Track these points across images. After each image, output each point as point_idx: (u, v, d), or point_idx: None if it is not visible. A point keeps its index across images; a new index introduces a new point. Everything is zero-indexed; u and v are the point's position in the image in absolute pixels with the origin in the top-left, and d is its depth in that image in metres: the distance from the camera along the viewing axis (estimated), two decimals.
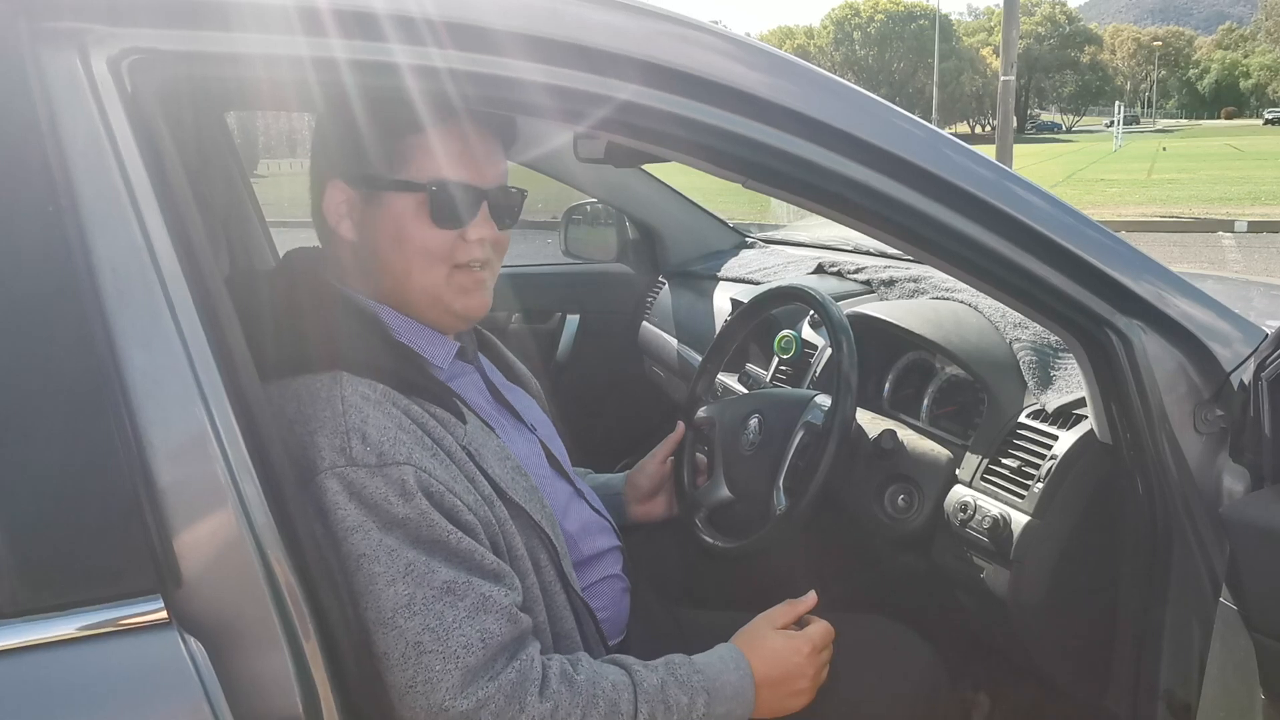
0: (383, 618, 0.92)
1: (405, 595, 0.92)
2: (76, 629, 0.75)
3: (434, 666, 0.92)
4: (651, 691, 1.03)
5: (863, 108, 1.03)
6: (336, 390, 0.98)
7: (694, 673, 1.07)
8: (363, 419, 0.96)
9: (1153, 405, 1.12)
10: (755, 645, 1.15)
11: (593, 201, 2.74)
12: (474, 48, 0.90)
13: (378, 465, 0.94)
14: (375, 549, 0.93)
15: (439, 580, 0.94)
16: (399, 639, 0.92)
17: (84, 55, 0.79)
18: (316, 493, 0.94)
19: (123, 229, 0.79)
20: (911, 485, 1.48)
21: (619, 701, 1.01)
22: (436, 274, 1.09)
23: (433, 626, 0.93)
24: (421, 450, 0.99)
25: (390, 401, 1.00)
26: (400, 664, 0.92)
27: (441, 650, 0.92)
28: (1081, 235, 1.09)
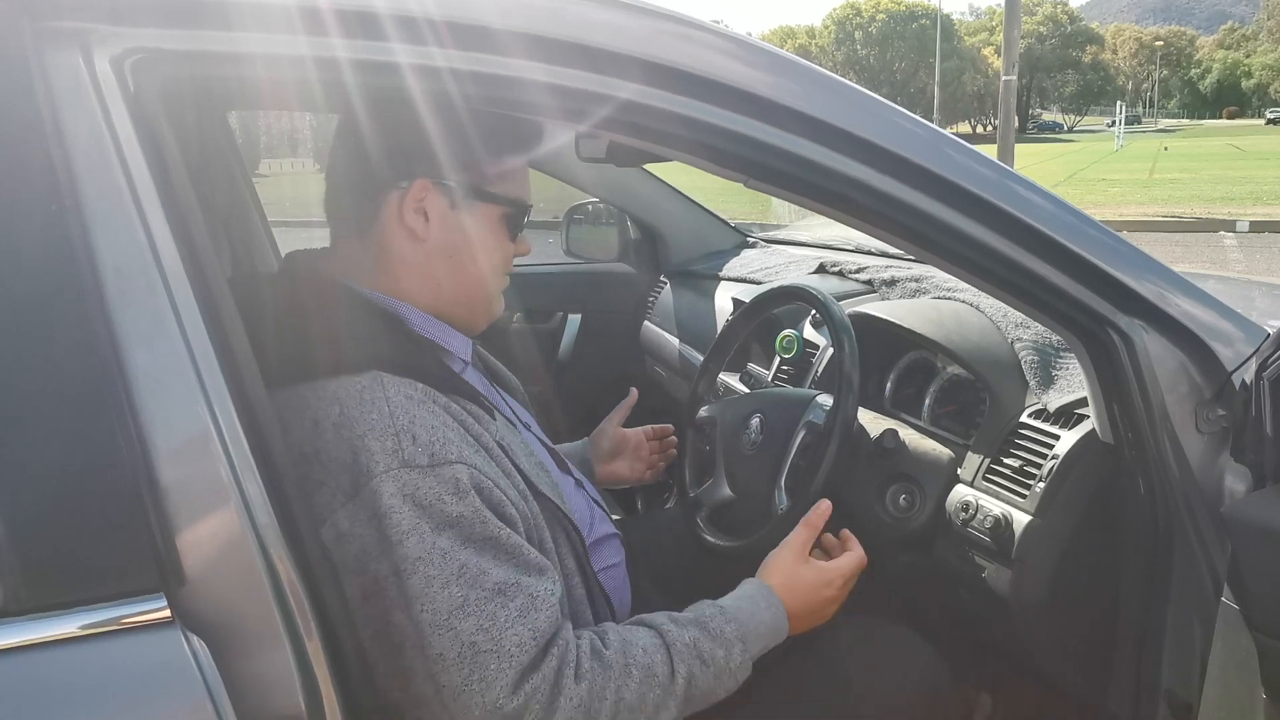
0: (438, 620, 0.92)
1: (459, 597, 0.93)
2: (79, 628, 0.75)
3: (489, 666, 0.93)
4: (685, 649, 1.04)
5: (864, 107, 1.03)
6: (380, 391, 0.97)
7: (726, 623, 1.08)
8: (410, 419, 0.96)
9: (1154, 405, 1.12)
10: (787, 580, 1.17)
11: (594, 201, 2.75)
12: (475, 47, 0.90)
13: (430, 466, 0.95)
14: (429, 551, 0.93)
15: (490, 581, 0.95)
16: (454, 640, 0.92)
17: (87, 55, 0.79)
18: (370, 497, 0.93)
19: (126, 229, 0.79)
20: (913, 485, 1.48)
21: (653, 666, 1.02)
22: (498, 282, 1.17)
23: (486, 627, 0.93)
24: (468, 447, 0.99)
25: (431, 400, 1.01)
26: (456, 664, 0.92)
27: (496, 650, 0.93)
28: (1083, 235, 1.09)
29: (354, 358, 1.00)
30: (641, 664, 1.01)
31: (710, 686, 1.05)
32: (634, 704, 0.99)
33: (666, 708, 1.01)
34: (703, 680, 1.04)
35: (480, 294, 1.15)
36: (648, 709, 1.00)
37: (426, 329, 1.11)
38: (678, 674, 1.02)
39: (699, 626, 1.06)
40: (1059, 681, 1.39)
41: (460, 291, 1.13)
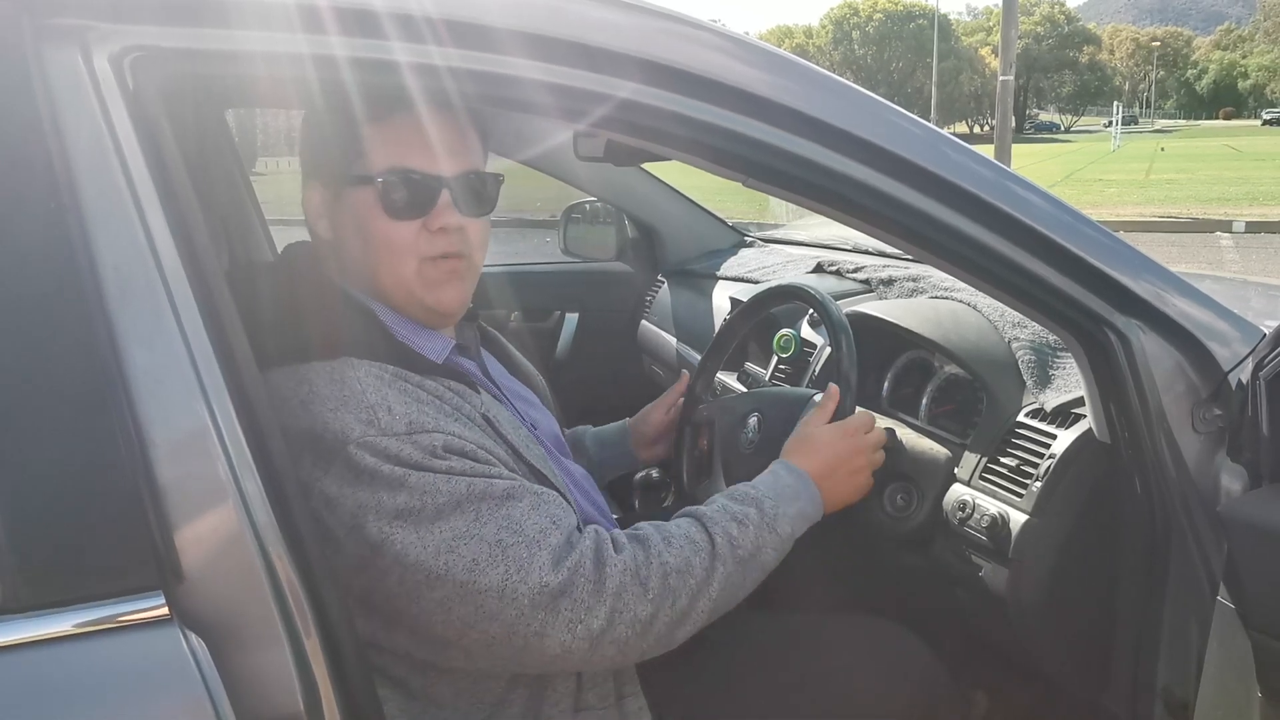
0: (459, 533, 0.94)
1: (472, 510, 0.95)
2: (78, 625, 0.75)
3: (520, 555, 0.94)
4: (715, 515, 1.08)
5: (862, 106, 1.03)
6: (350, 372, 0.99)
7: (749, 489, 1.12)
8: (382, 396, 0.97)
9: (1151, 404, 1.12)
10: (798, 446, 1.22)
11: (592, 200, 2.74)
12: (473, 46, 0.90)
13: (408, 433, 0.96)
14: (431, 484, 0.94)
15: (498, 490, 0.97)
16: (481, 544, 0.94)
17: (86, 52, 0.79)
18: (347, 464, 0.94)
19: (124, 227, 0.79)
20: (910, 484, 1.48)
21: (690, 534, 1.05)
22: (404, 268, 1.07)
23: (506, 525, 0.95)
24: (446, 418, 1.00)
25: (403, 380, 1.01)
26: (490, 564, 0.93)
27: (522, 540, 0.95)
28: (1080, 234, 1.09)
29: (326, 344, 1.01)
30: (678, 535, 1.04)
31: (754, 544, 1.07)
32: (680, 567, 1.01)
33: (716, 570, 1.03)
34: (744, 539, 1.06)
35: (389, 283, 1.08)
36: (696, 572, 1.02)
37: (399, 331, 1.10)
38: (715, 536, 1.05)
39: (724, 497, 1.11)
40: (1056, 680, 1.39)
41: (375, 284, 1.09)
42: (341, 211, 1.08)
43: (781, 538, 1.10)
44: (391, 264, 1.07)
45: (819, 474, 1.17)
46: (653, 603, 0.99)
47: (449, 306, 1.11)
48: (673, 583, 1.00)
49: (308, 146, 1.12)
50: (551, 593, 0.94)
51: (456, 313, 1.14)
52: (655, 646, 1.02)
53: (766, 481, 1.15)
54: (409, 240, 1.06)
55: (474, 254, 1.12)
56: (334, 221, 1.09)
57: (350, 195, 1.06)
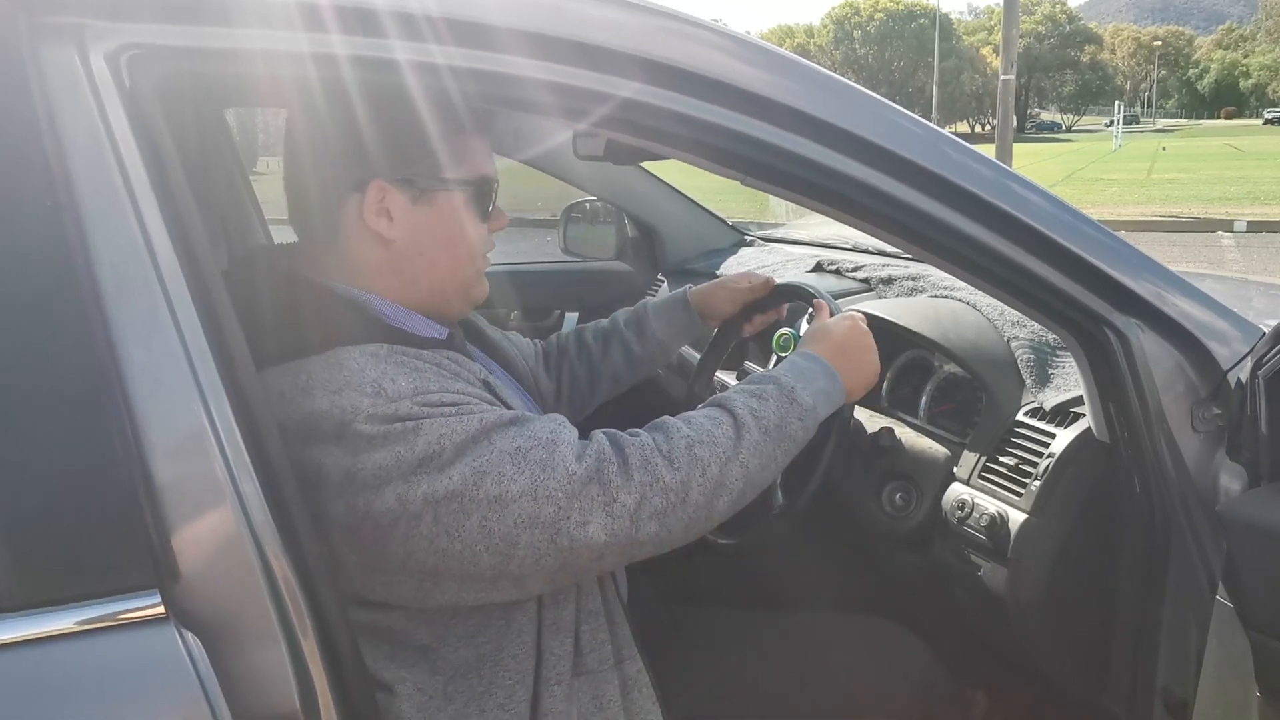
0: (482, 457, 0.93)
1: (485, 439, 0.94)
2: (74, 624, 0.75)
3: (541, 456, 0.95)
4: (732, 395, 1.08)
5: (862, 105, 1.03)
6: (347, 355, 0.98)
7: (762, 374, 1.12)
8: (381, 372, 0.96)
9: (1150, 404, 1.12)
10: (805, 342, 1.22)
11: (592, 199, 2.74)
12: (474, 44, 0.90)
13: (414, 394, 0.95)
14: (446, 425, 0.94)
15: (507, 418, 0.97)
16: (503, 458, 0.94)
17: (83, 50, 0.79)
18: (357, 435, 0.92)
19: (121, 225, 0.79)
20: (909, 483, 1.48)
21: (709, 412, 1.05)
22: (474, 266, 1.13)
23: (524, 435, 0.96)
24: (447, 379, 1.00)
25: (400, 354, 1.01)
26: (516, 472, 0.93)
27: (539, 443, 0.95)
28: (1080, 234, 1.09)
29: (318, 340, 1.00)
30: (697, 415, 1.05)
31: (779, 416, 1.06)
32: (703, 438, 1.01)
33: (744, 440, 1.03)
34: (765, 411, 1.06)
35: (456, 283, 1.12)
36: (721, 441, 1.02)
37: (395, 317, 1.09)
38: (736, 410, 1.05)
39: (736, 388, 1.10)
40: (1055, 679, 1.39)
41: (436, 285, 1.11)
42: (424, 214, 1.08)
43: (804, 409, 1.09)
44: (469, 263, 1.12)
45: (832, 355, 1.18)
46: (681, 470, 0.99)
47: (483, 297, 1.17)
48: (699, 453, 1.00)
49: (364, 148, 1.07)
50: (580, 479, 0.95)
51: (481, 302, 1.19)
52: (698, 519, 1.01)
53: (782, 367, 1.15)
54: (484, 240, 1.13)
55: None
56: (407, 222, 1.07)
57: (441, 199, 1.08)
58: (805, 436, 1.09)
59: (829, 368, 1.16)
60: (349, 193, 1.06)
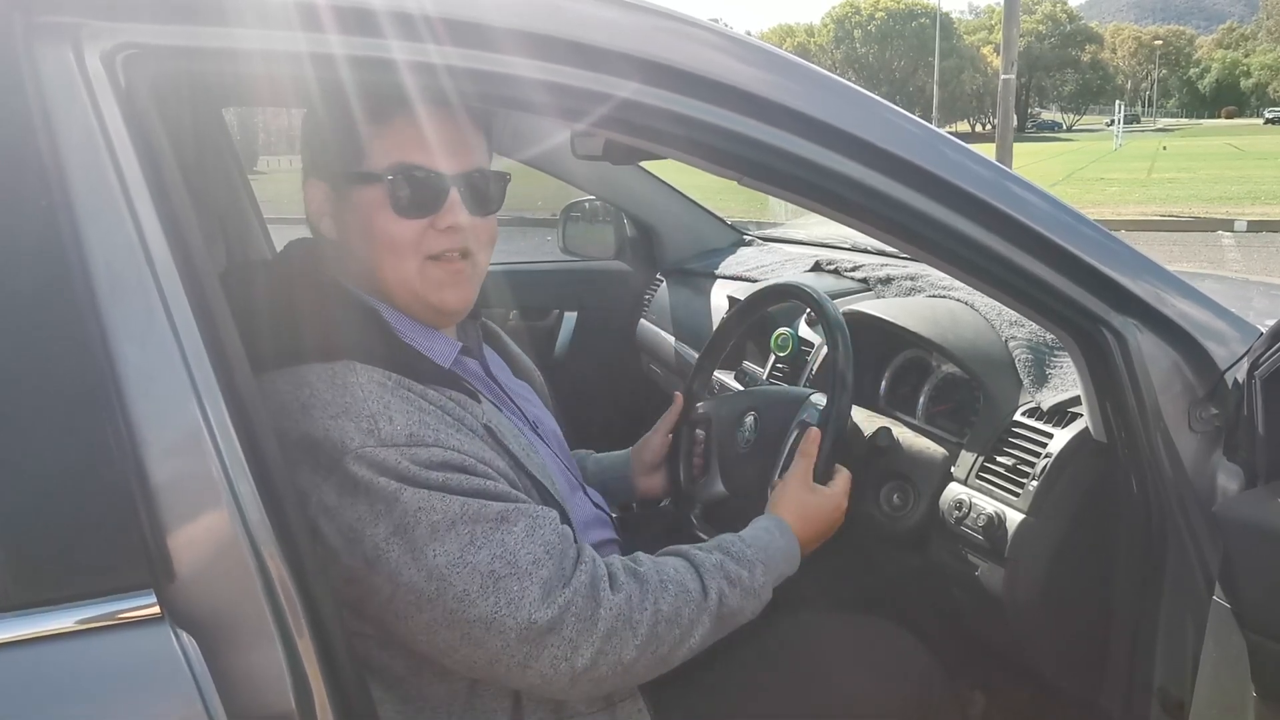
0: (452, 560, 0.93)
1: (466, 534, 0.94)
2: (69, 623, 0.75)
3: (512, 588, 0.94)
4: (713, 568, 1.08)
5: (861, 106, 1.03)
6: (353, 377, 0.98)
7: (746, 547, 1.13)
8: (384, 405, 0.96)
9: (1147, 404, 1.12)
10: (793, 509, 1.24)
11: (591, 199, 2.74)
12: (471, 44, 0.90)
13: (407, 444, 0.95)
14: (427, 501, 0.94)
15: (492, 512, 0.96)
16: (474, 574, 0.93)
17: (78, 50, 0.79)
18: (351, 470, 0.93)
19: (116, 225, 0.79)
20: (907, 483, 1.48)
21: (685, 582, 1.05)
22: (407, 267, 1.06)
23: (499, 554, 0.95)
24: (447, 429, 0.99)
25: (405, 389, 1.00)
26: (481, 595, 0.93)
27: (514, 572, 0.95)
28: (1078, 234, 1.09)
29: (328, 345, 1.00)
30: (675, 580, 1.05)
31: (738, 605, 1.09)
32: (671, 616, 1.02)
33: (701, 623, 1.05)
34: (731, 599, 1.08)
35: (393, 282, 1.07)
36: (683, 622, 1.03)
37: (405, 331, 1.09)
38: (709, 590, 1.06)
39: (721, 550, 1.12)
40: (1051, 679, 1.39)
41: (379, 284, 1.08)
42: (346, 209, 1.07)
43: (762, 601, 1.13)
44: (395, 262, 1.06)
45: (807, 540, 1.22)
46: (639, 648, 1.00)
47: (452, 306, 1.11)
48: (660, 631, 1.01)
49: (309, 144, 1.11)
50: (539, 629, 0.94)
51: (460, 313, 1.14)
52: (627, 685, 1.04)
53: (761, 540, 1.16)
54: (414, 238, 1.06)
55: (479, 254, 1.11)
56: (338, 219, 1.09)
57: (356, 193, 1.05)
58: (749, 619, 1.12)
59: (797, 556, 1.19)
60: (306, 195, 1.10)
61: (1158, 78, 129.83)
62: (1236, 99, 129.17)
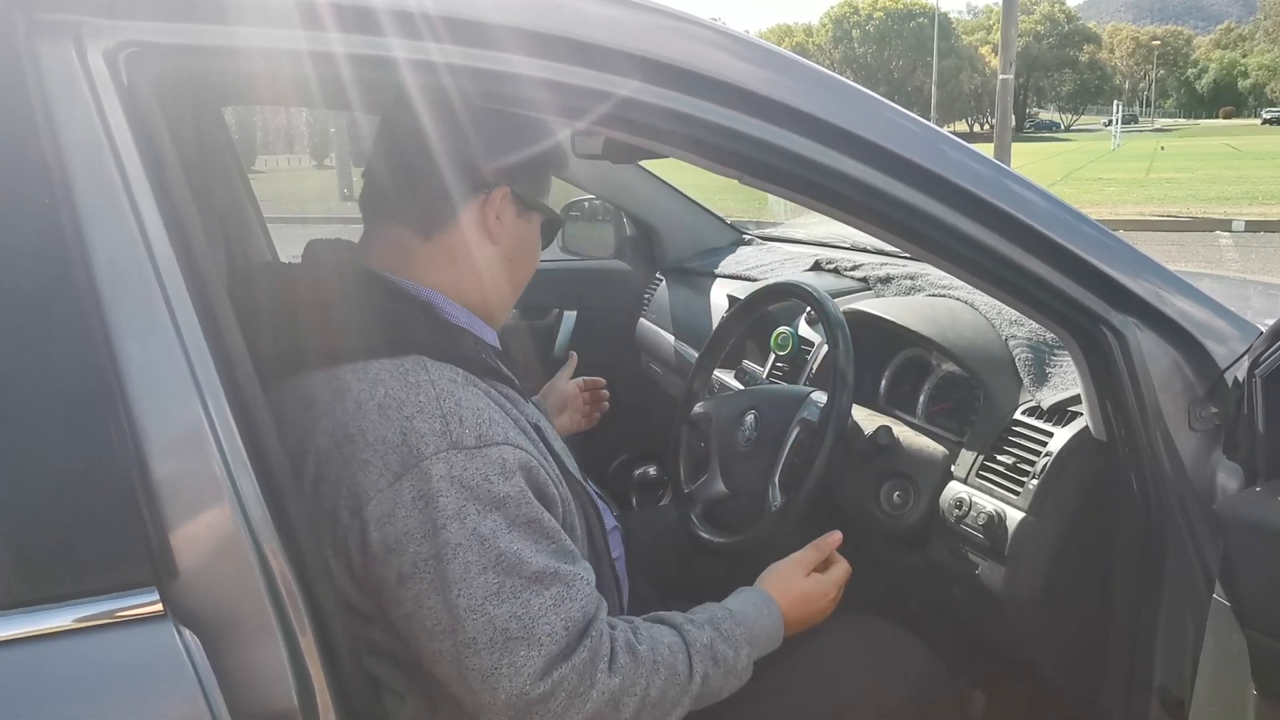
0: (473, 605, 0.93)
1: (495, 584, 0.94)
2: (71, 621, 0.75)
3: (519, 653, 0.94)
4: (703, 650, 1.07)
5: (860, 104, 1.03)
6: (424, 374, 0.99)
7: (736, 626, 1.12)
8: (456, 402, 0.98)
9: (1148, 402, 1.12)
10: (787, 590, 1.22)
11: (590, 198, 2.74)
12: (471, 42, 0.90)
13: (477, 446, 0.96)
14: (470, 538, 0.94)
15: (529, 570, 0.96)
16: (488, 625, 0.93)
17: (80, 48, 0.79)
18: (419, 479, 0.94)
19: (119, 223, 0.79)
20: (907, 482, 1.48)
21: (676, 665, 1.05)
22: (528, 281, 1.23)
23: (520, 614, 0.94)
24: (512, 429, 1.01)
25: (472, 384, 1.02)
26: (488, 649, 0.94)
27: (528, 638, 0.94)
28: (1078, 233, 1.09)
29: (394, 341, 1.02)
30: (668, 662, 1.04)
31: (719, 685, 1.09)
32: (657, 700, 1.02)
33: (681, 704, 1.05)
34: (714, 679, 1.07)
35: (516, 294, 1.21)
36: (666, 705, 1.04)
37: (457, 318, 1.12)
38: (695, 673, 1.05)
39: (713, 627, 1.10)
40: (1051, 678, 1.39)
41: (507, 293, 1.19)
42: (521, 227, 1.16)
43: (743, 681, 1.12)
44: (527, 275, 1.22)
45: (792, 622, 1.20)
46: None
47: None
48: (644, 715, 1.02)
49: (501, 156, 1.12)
50: (528, 701, 0.95)
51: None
52: None
53: (750, 618, 1.15)
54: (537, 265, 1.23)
55: None
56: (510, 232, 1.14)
57: (534, 218, 1.18)
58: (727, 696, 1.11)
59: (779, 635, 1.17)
60: (472, 193, 1.10)
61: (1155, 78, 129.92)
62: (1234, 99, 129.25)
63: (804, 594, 1.22)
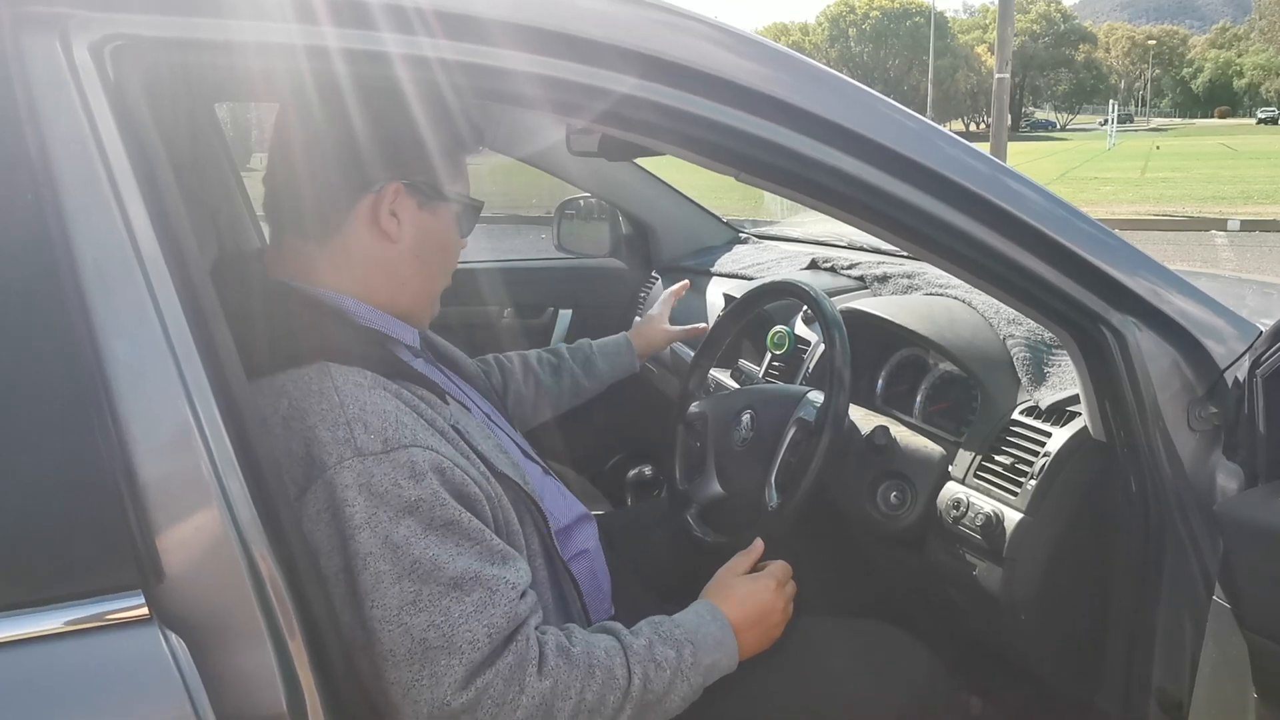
0: (388, 615, 0.91)
1: (411, 592, 0.91)
2: (54, 625, 0.74)
3: (439, 662, 0.91)
4: (641, 652, 1.04)
5: (857, 100, 1.02)
6: (328, 381, 0.96)
7: (675, 627, 1.09)
8: (361, 407, 0.95)
9: (1146, 402, 1.11)
10: (724, 593, 1.19)
11: (586, 196, 2.73)
12: (464, 37, 0.89)
13: (384, 451, 0.93)
14: (382, 546, 0.91)
15: (446, 576, 0.93)
16: (405, 636, 0.91)
17: (65, 41, 0.77)
18: (325, 490, 0.92)
19: (104, 219, 0.77)
20: (904, 482, 1.47)
21: (613, 668, 1.01)
22: (446, 277, 1.18)
23: (438, 623, 0.92)
24: (422, 430, 0.98)
25: (381, 387, 0.99)
26: (406, 661, 0.91)
27: (447, 647, 0.92)
28: (1077, 231, 1.08)
29: (298, 350, 0.99)
30: (604, 665, 1.01)
31: (664, 689, 1.04)
32: (594, 705, 0.99)
33: (624, 711, 1.01)
34: (657, 682, 1.03)
35: (433, 291, 1.17)
36: (606, 712, 1.00)
37: (371, 320, 1.09)
38: (634, 675, 1.02)
39: (652, 630, 1.07)
40: (1049, 680, 1.38)
41: (421, 290, 1.15)
42: (427, 220, 1.11)
43: (693, 687, 1.07)
44: (443, 272, 1.17)
45: (741, 625, 1.15)
46: None
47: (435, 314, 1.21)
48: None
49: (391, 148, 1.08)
50: (450, 712, 0.92)
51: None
52: None
53: (692, 623, 1.11)
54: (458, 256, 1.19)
55: None
56: (413, 227, 1.09)
57: (443, 209, 1.12)
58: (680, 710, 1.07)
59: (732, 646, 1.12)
60: (359, 192, 1.07)
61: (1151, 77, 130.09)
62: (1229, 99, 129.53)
63: (743, 593, 1.18)
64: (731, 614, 1.15)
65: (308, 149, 1.06)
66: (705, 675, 1.09)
